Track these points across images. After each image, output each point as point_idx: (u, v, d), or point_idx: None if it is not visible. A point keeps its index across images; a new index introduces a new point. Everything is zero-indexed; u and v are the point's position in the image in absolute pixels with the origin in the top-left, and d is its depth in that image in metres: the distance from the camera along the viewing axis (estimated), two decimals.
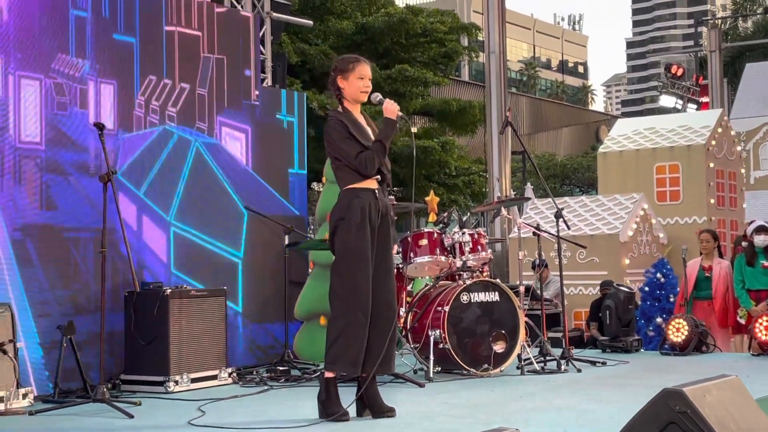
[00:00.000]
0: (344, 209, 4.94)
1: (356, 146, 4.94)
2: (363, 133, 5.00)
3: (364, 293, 4.87)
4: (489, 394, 5.89)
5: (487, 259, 7.16)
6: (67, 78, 6.40)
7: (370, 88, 5.08)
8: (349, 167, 4.96)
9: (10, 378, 5.49)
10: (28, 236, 6.08)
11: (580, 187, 41.90)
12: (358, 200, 4.93)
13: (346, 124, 4.98)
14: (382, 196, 5.03)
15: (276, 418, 5.08)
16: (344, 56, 5.29)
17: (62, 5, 6.41)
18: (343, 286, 4.89)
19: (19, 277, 6.01)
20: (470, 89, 40.87)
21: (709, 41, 26.94)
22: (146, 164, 6.95)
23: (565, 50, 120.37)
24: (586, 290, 10.51)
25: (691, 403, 3.67)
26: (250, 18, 8.22)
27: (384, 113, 5.02)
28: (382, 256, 5.00)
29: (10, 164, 6.02)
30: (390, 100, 5.05)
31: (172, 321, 6.31)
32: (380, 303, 4.94)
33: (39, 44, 6.24)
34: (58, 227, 6.29)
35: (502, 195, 14.00)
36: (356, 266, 4.88)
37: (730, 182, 12.31)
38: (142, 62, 7.00)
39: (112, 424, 5.05)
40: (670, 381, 4.74)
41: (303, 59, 19.81)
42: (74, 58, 6.46)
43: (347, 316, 4.84)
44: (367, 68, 5.08)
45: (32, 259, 6.12)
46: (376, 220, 4.97)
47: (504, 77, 14.55)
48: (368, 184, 4.98)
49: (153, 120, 7.04)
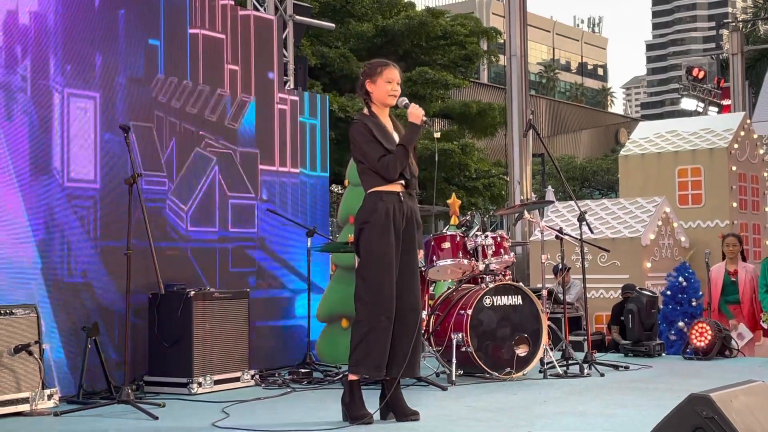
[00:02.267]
0: (369, 213, 4.95)
1: (380, 150, 4.95)
2: (387, 137, 5.01)
3: (388, 297, 4.87)
4: (512, 397, 5.87)
5: (510, 262, 7.15)
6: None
7: (398, 92, 5.08)
8: (373, 171, 4.97)
9: (35, 379, 5.53)
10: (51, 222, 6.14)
11: (600, 189, 41.80)
12: (383, 204, 4.93)
13: (370, 128, 4.99)
14: (407, 199, 5.03)
15: (299, 421, 5.09)
16: (373, 60, 5.31)
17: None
18: (367, 290, 4.90)
19: (42, 278, 6.05)
20: (490, 91, 40.84)
21: (731, 44, 26.77)
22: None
23: (584, 52, 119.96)
24: (607, 294, 10.47)
25: (718, 409, 3.65)
26: (273, 21, 8.24)
27: (408, 117, 5.02)
28: (407, 259, 5.00)
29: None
30: (415, 105, 5.05)
31: (196, 323, 6.33)
32: (405, 307, 4.94)
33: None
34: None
35: (524, 198, 13.96)
36: (380, 270, 4.88)
37: (753, 185, 12.24)
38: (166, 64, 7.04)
39: (137, 425, 5.08)
40: (695, 386, 4.72)
41: (323, 62, 19.83)
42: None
43: (371, 320, 4.85)
44: (395, 72, 5.09)
45: (55, 260, 6.16)
46: (401, 223, 4.97)
47: (525, 80, 14.53)
48: (393, 188, 4.97)
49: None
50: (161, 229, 6.84)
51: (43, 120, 6.16)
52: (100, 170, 6.47)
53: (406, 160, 4.97)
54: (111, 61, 6.62)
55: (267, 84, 7.98)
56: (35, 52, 6.13)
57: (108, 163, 6.51)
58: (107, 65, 6.59)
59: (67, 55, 6.31)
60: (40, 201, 6.09)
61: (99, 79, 6.51)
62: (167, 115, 7.02)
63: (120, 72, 6.67)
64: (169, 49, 7.06)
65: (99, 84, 6.51)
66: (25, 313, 5.60)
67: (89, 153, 6.42)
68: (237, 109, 7.60)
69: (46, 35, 6.20)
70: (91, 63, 6.48)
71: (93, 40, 6.49)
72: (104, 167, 6.49)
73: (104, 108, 6.53)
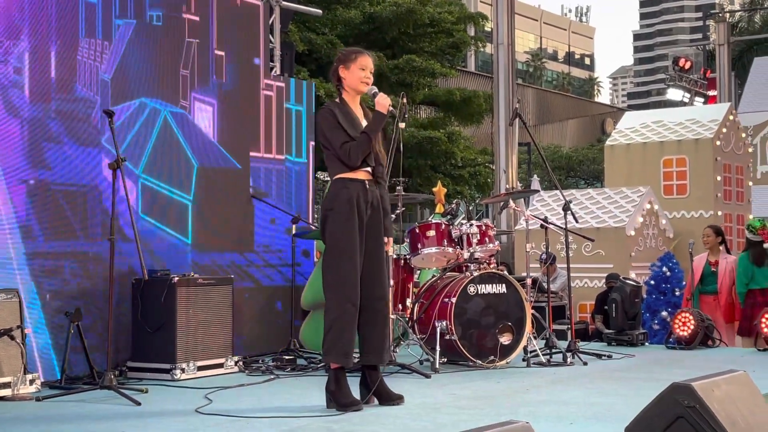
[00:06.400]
0: (332, 200, 4.98)
1: (343, 136, 4.97)
2: (354, 125, 5.02)
3: (352, 284, 4.91)
4: (495, 385, 5.89)
5: (494, 251, 7.16)
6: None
7: (370, 79, 5.10)
8: (336, 157, 4.98)
9: (17, 364, 5.51)
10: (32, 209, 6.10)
11: (585, 179, 41.88)
12: (347, 191, 4.95)
13: (336, 114, 5.01)
14: (373, 187, 5.04)
15: (283, 407, 5.09)
16: (348, 48, 5.34)
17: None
18: (332, 278, 4.94)
19: (26, 263, 6.02)
20: (477, 80, 40.80)
21: (718, 35, 26.83)
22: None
23: (571, 42, 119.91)
24: (591, 283, 10.52)
25: (699, 398, 3.67)
26: (260, 6, 8.20)
27: (375, 106, 5.03)
28: (373, 246, 5.02)
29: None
30: (383, 95, 5.06)
31: (179, 309, 6.32)
32: (373, 295, 4.99)
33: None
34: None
35: (509, 187, 13.97)
36: (344, 257, 4.91)
37: (737, 176, 12.30)
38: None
39: (120, 410, 5.06)
40: (677, 375, 4.74)
41: (310, 48, 19.75)
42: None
43: (337, 308, 4.90)
44: (369, 60, 5.10)
45: (39, 246, 6.13)
46: (366, 211, 4.98)
47: (513, 69, 14.53)
48: (357, 175, 4.99)
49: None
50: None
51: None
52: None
53: (368, 147, 4.97)
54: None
55: (253, 70, 7.95)
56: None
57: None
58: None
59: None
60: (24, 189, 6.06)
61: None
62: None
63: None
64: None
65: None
66: (7, 297, 5.57)
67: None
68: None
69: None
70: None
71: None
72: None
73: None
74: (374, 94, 5.09)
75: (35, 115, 6.19)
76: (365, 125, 5.05)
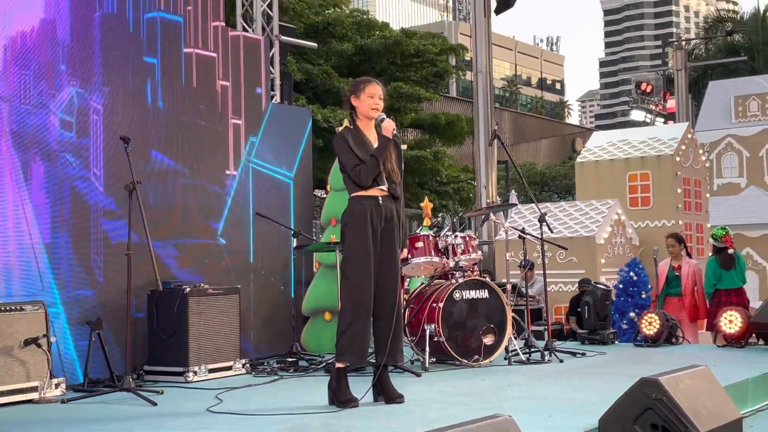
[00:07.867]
0: (349, 215, 5.01)
1: (354, 159, 4.99)
2: (365, 148, 5.01)
3: (366, 292, 4.90)
4: (480, 383, 5.88)
5: (477, 259, 7.16)
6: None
7: (380, 105, 5.09)
8: (350, 178, 5.00)
9: (44, 369, 5.49)
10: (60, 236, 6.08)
11: (558, 193, 41.93)
12: (361, 207, 4.97)
13: (347, 139, 5.02)
14: (387, 202, 5.03)
15: (288, 405, 5.07)
16: (358, 78, 5.33)
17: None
18: (348, 286, 4.96)
19: (52, 277, 6.01)
20: (458, 104, 40.85)
21: (676, 61, 26.97)
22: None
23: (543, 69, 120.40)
24: (565, 287, 10.52)
25: (666, 391, 3.68)
26: (261, 41, 8.22)
27: (381, 131, 5.04)
28: (387, 258, 5.00)
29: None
30: (389, 120, 5.07)
31: (191, 317, 6.30)
32: (386, 304, 4.97)
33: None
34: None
35: (490, 201, 13.99)
36: (358, 268, 4.92)
37: (696, 189, 12.33)
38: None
39: (138, 410, 5.04)
40: (645, 371, 4.73)
41: (307, 77, 19.79)
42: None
43: (352, 313, 4.89)
44: (377, 88, 5.10)
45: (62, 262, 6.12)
46: (379, 224, 4.98)
47: (491, 94, 14.55)
48: (371, 193, 5.00)
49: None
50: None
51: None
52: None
53: (377, 168, 4.98)
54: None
55: (255, 98, 7.96)
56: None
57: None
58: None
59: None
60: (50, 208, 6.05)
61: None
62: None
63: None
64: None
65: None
66: (34, 309, 5.56)
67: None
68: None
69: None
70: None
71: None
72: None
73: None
74: (381, 120, 5.09)
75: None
76: (374, 149, 5.05)
